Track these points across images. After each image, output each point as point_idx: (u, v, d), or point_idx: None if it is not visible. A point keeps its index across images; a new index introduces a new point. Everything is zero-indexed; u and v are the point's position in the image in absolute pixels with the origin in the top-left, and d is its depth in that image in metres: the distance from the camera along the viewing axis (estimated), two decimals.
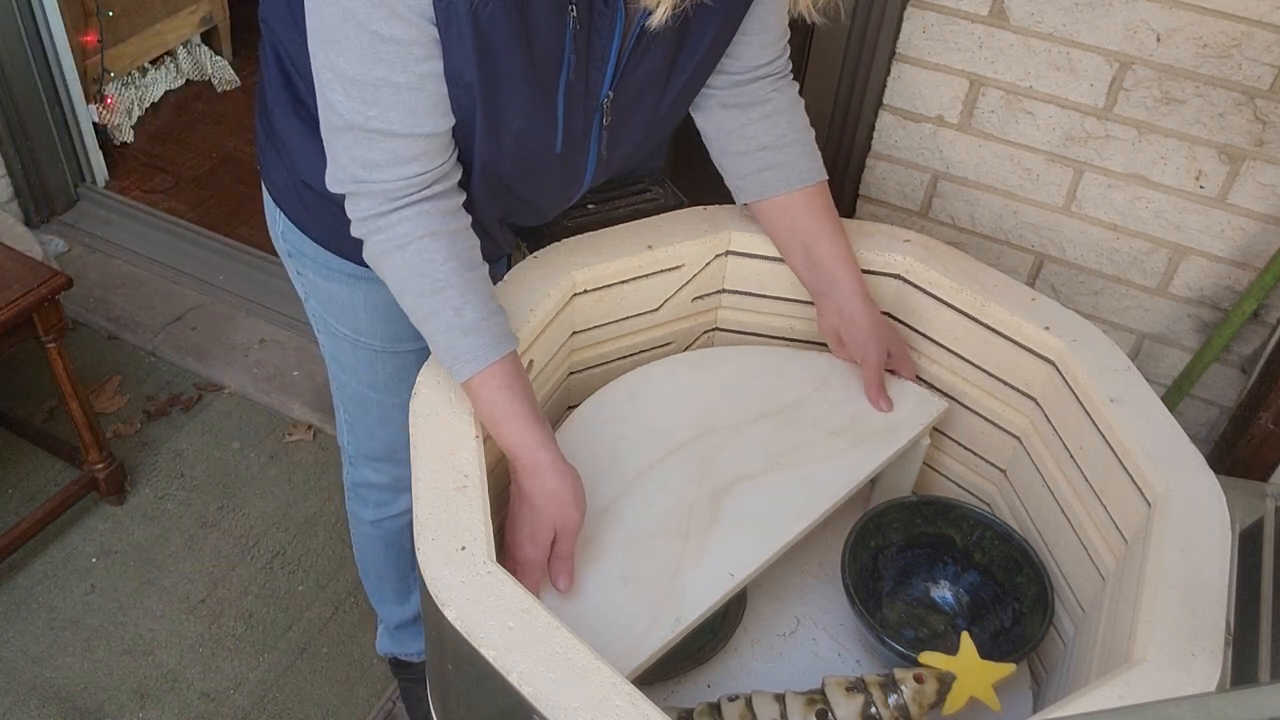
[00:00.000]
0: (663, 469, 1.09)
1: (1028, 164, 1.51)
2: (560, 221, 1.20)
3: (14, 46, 2.35)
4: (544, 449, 0.96)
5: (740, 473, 1.09)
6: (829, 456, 1.11)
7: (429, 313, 0.97)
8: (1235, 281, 1.47)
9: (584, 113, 0.99)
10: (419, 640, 1.65)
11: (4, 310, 1.63)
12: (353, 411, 1.34)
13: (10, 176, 2.48)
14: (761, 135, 1.13)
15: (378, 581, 1.58)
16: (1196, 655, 0.81)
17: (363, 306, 1.20)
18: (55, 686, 1.72)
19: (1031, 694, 1.12)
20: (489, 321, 0.97)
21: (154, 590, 1.87)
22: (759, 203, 1.16)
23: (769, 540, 1.03)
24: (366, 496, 1.45)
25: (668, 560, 1.00)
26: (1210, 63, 1.33)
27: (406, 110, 0.89)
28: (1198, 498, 0.93)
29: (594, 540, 1.01)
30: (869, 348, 1.15)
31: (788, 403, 1.17)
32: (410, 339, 1.24)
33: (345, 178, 0.94)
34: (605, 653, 0.84)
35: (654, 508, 1.05)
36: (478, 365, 0.95)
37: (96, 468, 1.92)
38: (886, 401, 1.16)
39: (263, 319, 2.38)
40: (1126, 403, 1.01)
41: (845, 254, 1.14)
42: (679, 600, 0.97)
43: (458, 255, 0.97)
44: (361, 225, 0.96)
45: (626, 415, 1.14)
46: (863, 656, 1.13)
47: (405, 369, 1.26)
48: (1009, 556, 1.12)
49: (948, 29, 1.45)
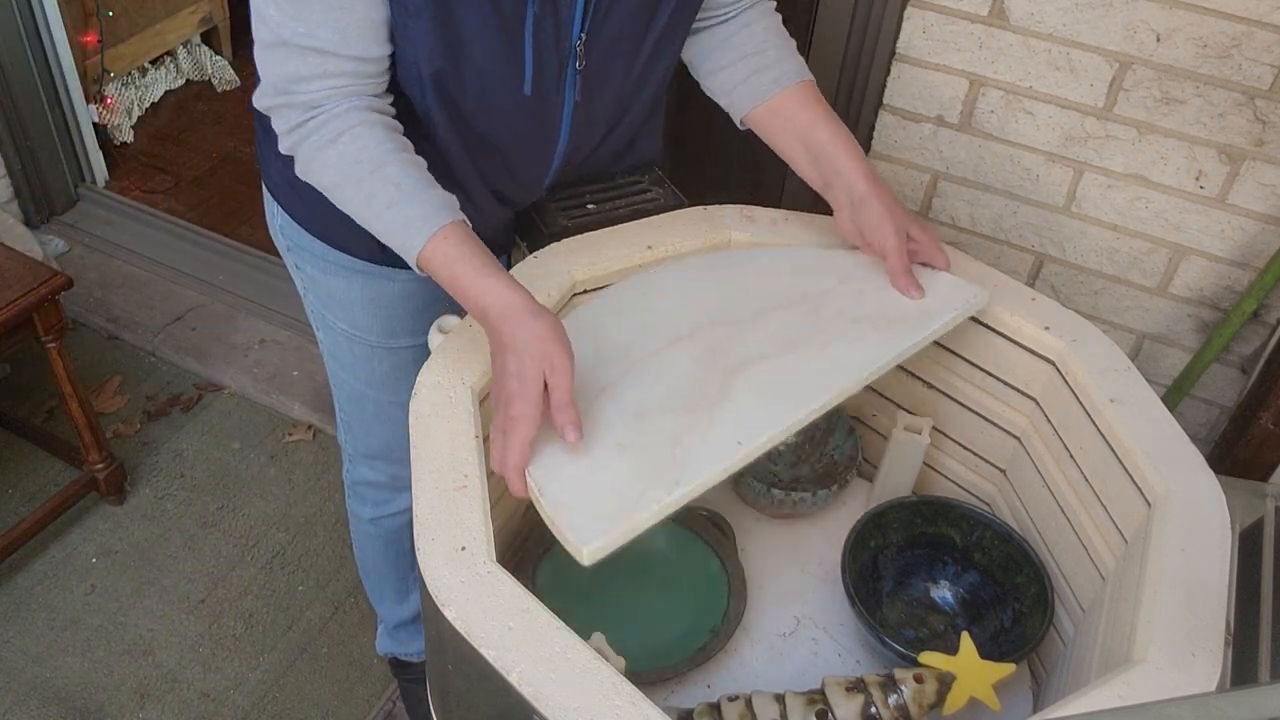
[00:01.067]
0: (671, 352, 1.00)
1: (1028, 164, 1.51)
2: (560, 221, 1.20)
3: (14, 47, 2.35)
4: (516, 293, 0.90)
5: (756, 354, 1.00)
6: (853, 340, 1.03)
7: (370, 194, 0.93)
8: (1235, 281, 1.47)
9: (556, 56, 0.98)
10: (418, 640, 1.65)
11: (4, 310, 1.63)
12: (350, 409, 1.34)
13: (10, 176, 2.48)
14: (743, 45, 1.13)
15: (377, 580, 1.58)
16: (1196, 655, 0.81)
17: (359, 301, 1.20)
18: (55, 686, 1.72)
19: (1031, 694, 1.12)
20: (434, 190, 0.94)
21: (154, 590, 1.87)
22: (754, 112, 1.14)
23: (783, 414, 0.94)
24: (365, 495, 1.45)
25: (671, 431, 0.92)
26: (1210, 63, 1.33)
27: (335, 29, 0.89)
28: (1198, 498, 0.93)
29: (589, 415, 0.92)
30: (885, 230, 1.08)
31: (811, 293, 1.08)
32: (407, 334, 1.24)
33: (272, 91, 0.94)
34: (594, 514, 0.81)
35: (659, 385, 0.96)
36: (431, 227, 0.92)
37: (96, 468, 1.92)
38: (916, 288, 1.08)
39: (263, 319, 2.38)
40: (1126, 403, 1.01)
41: (844, 139, 1.10)
42: (679, 467, 0.89)
43: (392, 138, 0.95)
44: (289, 136, 0.95)
45: (634, 307, 1.06)
46: (863, 656, 1.13)
47: (402, 366, 1.26)
48: (1009, 556, 1.12)
49: (948, 29, 1.45)
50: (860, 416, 1.31)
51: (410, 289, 1.22)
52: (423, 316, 1.25)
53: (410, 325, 1.24)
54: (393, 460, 1.38)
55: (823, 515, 1.27)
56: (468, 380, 0.98)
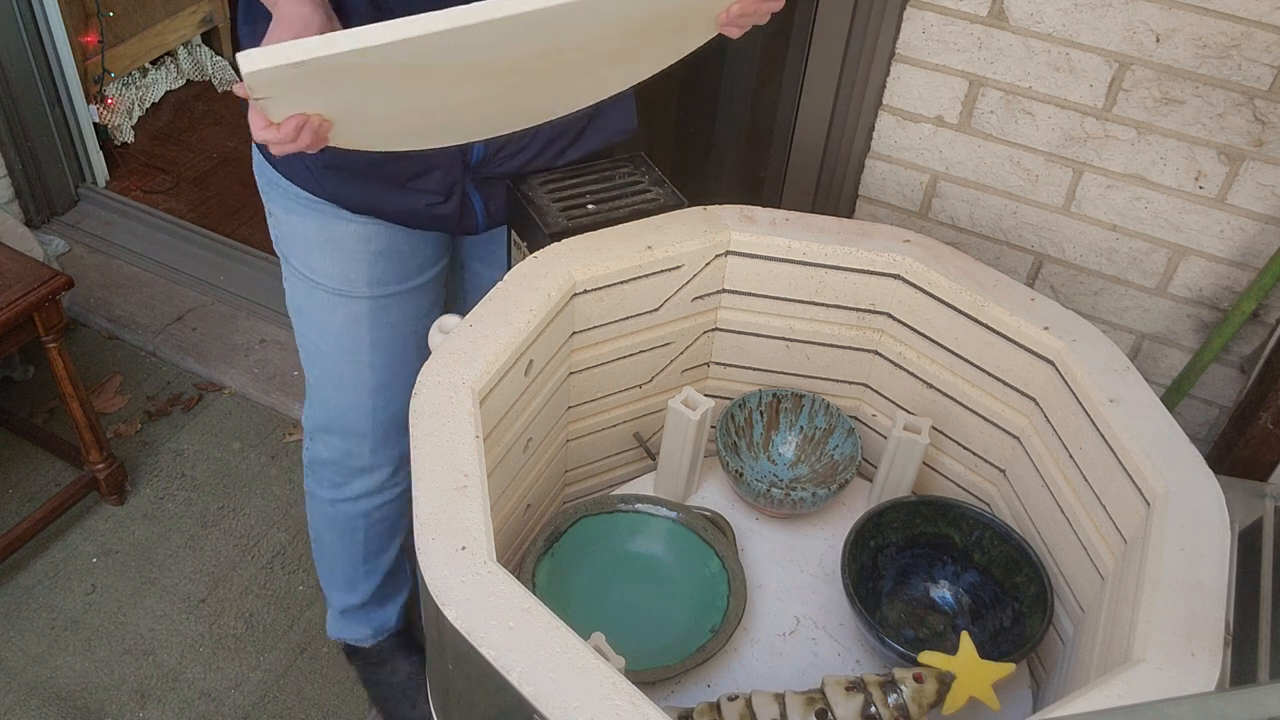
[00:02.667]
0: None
1: (1027, 164, 1.51)
2: (560, 221, 1.20)
3: (14, 47, 2.35)
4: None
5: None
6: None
7: None
8: (1234, 282, 1.48)
9: None
10: (366, 625, 1.67)
11: (4, 310, 1.63)
12: (312, 373, 1.38)
13: (10, 176, 2.48)
14: None
15: (329, 563, 1.60)
16: (1196, 655, 0.81)
17: (315, 241, 1.24)
18: (56, 686, 1.73)
19: (1031, 694, 1.12)
20: None
21: (154, 590, 1.88)
22: None
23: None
24: (321, 475, 1.48)
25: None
26: (1210, 63, 1.33)
27: None
28: (1197, 498, 0.93)
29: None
30: None
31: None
32: (363, 283, 1.28)
33: None
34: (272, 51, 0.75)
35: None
36: None
37: (97, 468, 1.93)
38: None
39: (263, 319, 2.38)
40: (1126, 403, 1.02)
41: None
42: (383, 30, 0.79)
43: None
44: None
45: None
46: (863, 656, 1.13)
47: (357, 320, 1.29)
48: (1008, 556, 1.12)
49: (947, 29, 1.45)
50: (860, 416, 1.31)
51: (366, 231, 1.24)
52: (379, 264, 1.28)
53: (366, 273, 1.27)
54: (345, 434, 1.40)
55: (823, 515, 1.28)
56: (468, 380, 0.98)
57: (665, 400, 1.20)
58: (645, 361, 1.23)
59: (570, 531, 1.17)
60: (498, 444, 1.05)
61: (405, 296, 1.33)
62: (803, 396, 1.28)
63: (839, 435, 1.27)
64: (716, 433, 1.25)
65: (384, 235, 1.26)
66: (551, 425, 1.18)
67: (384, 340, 1.33)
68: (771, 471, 1.28)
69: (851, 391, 1.29)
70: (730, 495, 1.29)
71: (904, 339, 1.21)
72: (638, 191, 1.26)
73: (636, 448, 1.32)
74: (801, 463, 1.28)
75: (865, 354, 1.25)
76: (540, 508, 1.24)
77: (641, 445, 1.32)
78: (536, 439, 1.15)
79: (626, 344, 1.21)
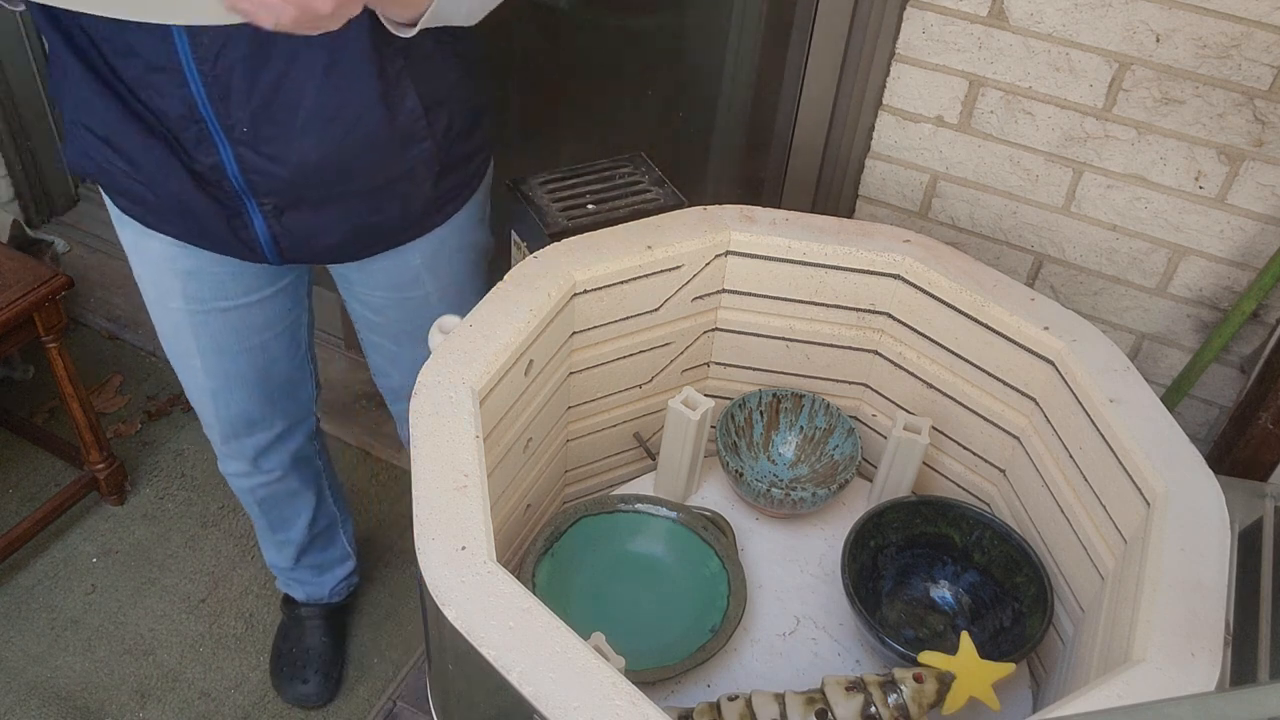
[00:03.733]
0: None
1: (1027, 164, 1.51)
2: (560, 221, 1.20)
3: (14, 47, 2.35)
4: None
5: None
6: None
7: None
8: (1235, 282, 1.48)
9: None
10: (300, 588, 1.75)
11: (4, 310, 1.63)
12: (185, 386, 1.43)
13: (10, 176, 2.48)
14: None
15: (260, 530, 1.67)
16: (1196, 655, 0.81)
17: (131, 251, 1.26)
18: (56, 686, 1.73)
19: (1031, 694, 1.12)
20: None
21: (155, 590, 1.88)
22: None
23: None
24: (237, 482, 1.56)
25: None
26: (1210, 63, 1.33)
27: None
28: (1197, 498, 0.93)
29: None
30: None
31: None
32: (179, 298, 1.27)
33: None
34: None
35: None
36: None
37: (97, 467, 1.93)
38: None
39: None
40: (1126, 403, 1.02)
41: None
42: None
43: None
44: None
45: None
46: (863, 656, 1.13)
47: (179, 328, 1.31)
48: (1008, 556, 1.12)
49: (947, 29, 1.45)
50: (860, 416, 1.31)
51: (171, 251, 1.22)
52: (191, 282, 1.25)
53: (179, 288, 1.26)
54: (204, 422, 1.43)
55: (823, 515, 1.28)
56: (468, 380, 0.98)
57: (665, 400, 1.21)
58: (645, 361, 1.23)
59: (570, 531, 1.17)
60: (498, 444, 1.05)
61: (231, 313, 1.30)
62: (803, 396, 1.28)
63: (839, 435, 1.27)
64: (716, 433, 1.25)
65: (188, 255, 1.22)
66: (551, 425, 1.18)
67: (211, 349, 1.32)
68: (771, 471, 1.28)
69: (851, 391, 1.29)
70: (730, 495, 1.29)
71: (904, 339, 1.21)
72: (638, 191, 1.26)
73: (636, 448, 1.32)
74: (801, 463, 1.28)
75: (865, 354, 1.25)
76: (540, 508, 1.24)
77: (641, 445, 1.32)
78: (536, 439, 1.15)
79: (626, 344, 1.21)
